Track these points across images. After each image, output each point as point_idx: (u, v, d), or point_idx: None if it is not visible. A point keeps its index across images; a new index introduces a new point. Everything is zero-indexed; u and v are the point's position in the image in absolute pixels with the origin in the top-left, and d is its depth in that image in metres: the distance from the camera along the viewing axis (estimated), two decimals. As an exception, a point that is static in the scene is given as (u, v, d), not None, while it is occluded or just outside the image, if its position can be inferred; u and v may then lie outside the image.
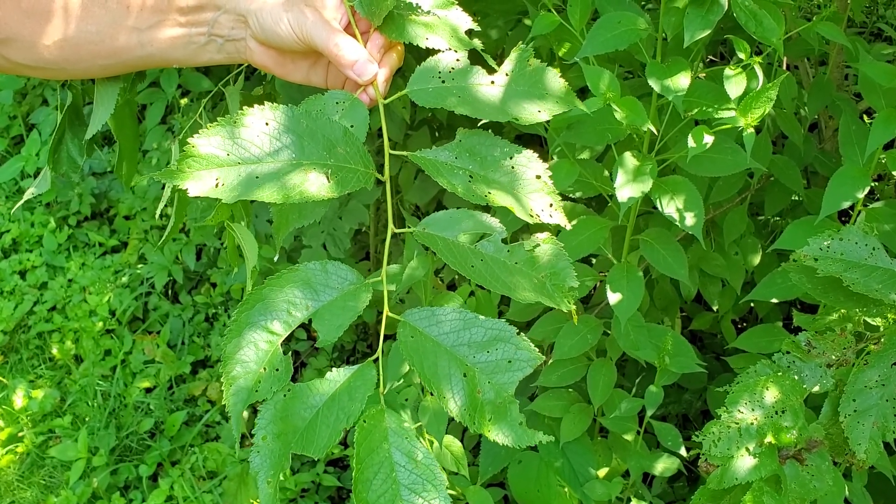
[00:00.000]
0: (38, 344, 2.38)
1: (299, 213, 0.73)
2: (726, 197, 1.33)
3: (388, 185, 0.69)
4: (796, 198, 1.48)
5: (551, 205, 0.64)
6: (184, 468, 2.03)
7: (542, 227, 0.65)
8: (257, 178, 0.63)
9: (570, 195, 1.20)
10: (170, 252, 2.42)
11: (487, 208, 0.67)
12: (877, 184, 1.55)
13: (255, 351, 0.63)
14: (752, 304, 1.66)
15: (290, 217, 0.73)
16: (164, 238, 0.94)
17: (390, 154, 0.69)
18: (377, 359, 0.65)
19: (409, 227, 0.66)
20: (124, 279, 2.45)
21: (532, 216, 0.64)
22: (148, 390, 2.23)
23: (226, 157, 0.63)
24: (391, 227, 0.67)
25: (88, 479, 2.01)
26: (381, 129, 0.71)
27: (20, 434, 2.14)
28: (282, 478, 1.98)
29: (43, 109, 2.79)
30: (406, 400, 1.41)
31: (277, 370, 0.63)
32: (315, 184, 0.64)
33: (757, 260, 1.42)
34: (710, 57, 1.69)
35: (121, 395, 2.21)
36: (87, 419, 2.15)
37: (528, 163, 0.64)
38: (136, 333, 2.36)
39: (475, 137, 0.67)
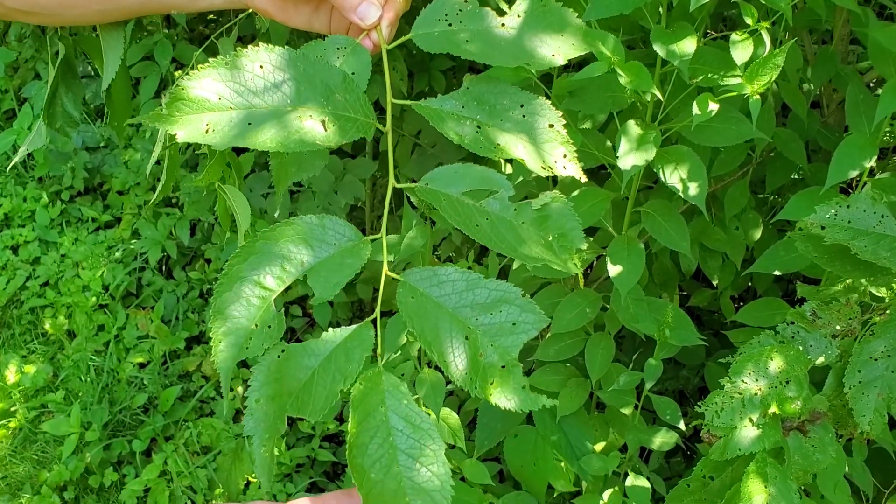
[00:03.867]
0: (30, 319, 2.36)
1: (298, 166, 0.70)
2: (728, 170, 1.31)
3: (389, 134, 0.66)
4: (796, 176, 1.47)
5: (565, 155, 0.61)
6: (178, 443, 2.01)
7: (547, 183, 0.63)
8: (249, 124, 0.60)
9: (571, 165, 1.18)
10: (163, 227, 2.40)
11: (495, 164, 0.65)
12: (879, 162, 1.54)
13: (246, 306, 0.60)
14: (750, 282, 1.65)
15: (289, 169, 0.71)
16: (154, 197, 0.92)
17: (393, 103, 0.66)
18: (375, 319, 0.63)
19: (412, 185, 0.64)
20: (118, 254, 2.42)
21: (544, 167, 0.61)
22: (141, 366, 2.22)
23: (217, 102, 0.60)
24: (392, 181, 0.65)
25: (81, 453, 2.00)
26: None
27: (12, 409, 2.12)
28: (276, 452, 1.97)
29: (35, 83, 2.76)
30: (402, 375, 1.40)
31: (270, 327, 0.60)
32: (310, 131, 0.61)
33: (758, 235, 1.41)
34: (712, 32, 1.67)
35: (114, 371, 2.19)
36: (79, 394, 2.14)
37: (539, 111, 0.61)
38: (129, 309, 2.34)
39: (483, 85, 0.64)
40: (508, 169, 1.37)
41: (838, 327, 0.87)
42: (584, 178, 0.62)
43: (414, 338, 0.62)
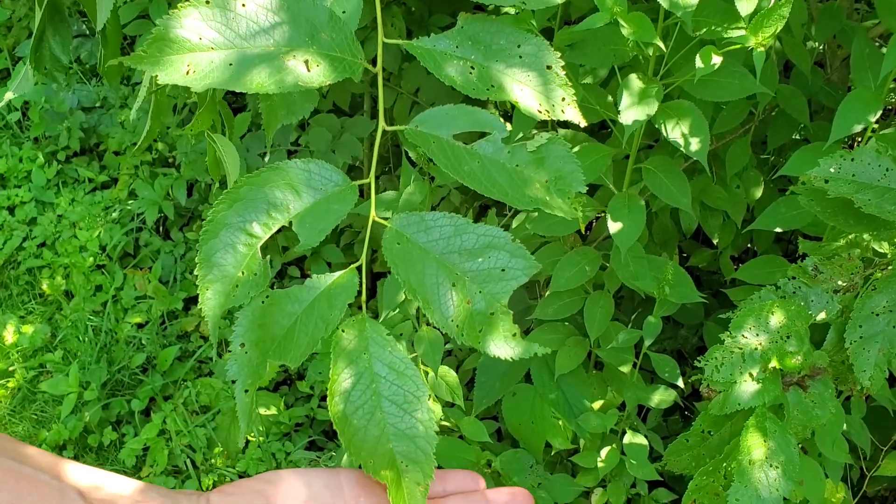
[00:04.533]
0: (27, 280, 2.36)
1: (288, 108, 0.69)
2: (730, 128, 1.30)
3: (380, 76, 0.64)
4: (798, 136, 1.46)
5: (564, 98, 0.59)
6: (176, 403, 2.02)
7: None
8: (231, 65, 0.58)
9: (571, 121, 1.17)
10: (160, 188, 2.38)
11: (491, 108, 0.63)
12: (882, 122, 1.52)
13: (233, 254, 0.59)
14: (750, 243, 1.64)
15: (278, 112, 0.69)
16: (140, 142, 0.90)
17: (388, 49, 0.65)
18: (360, 266, 0.62)
19: (401, 126, 0.62)
20: (114, 215, 2.41)
21: (542, 111, 0.59)
22: (140, 326, 2.22)
23: (198, 42, 0.58)
24: (382, 124, 0.63)
25: (80, 413, 2.00)
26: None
27: (11, 369, 2.12)
28: (275, 411, 1.97)
29: (29, 42, 2.72)
30: (401, 335, 1.40)
31: (256, 275, 0.59)
32: (294, 71, 0.59)
33: (759, 193, 1.40)
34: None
35: (112, 331, 2.19)
36: (78, 354, 2.14)
37: (537, 52, 0.59)
38: (126, 269, 2.33)
39: (478, 24, 0.61)
40: (508, 127, 1.36)
41: (840, 282, 0.86)
42: (583, 123, 0.60)
43: (400, 285, 0.60)
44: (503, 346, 0.59)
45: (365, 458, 0.58)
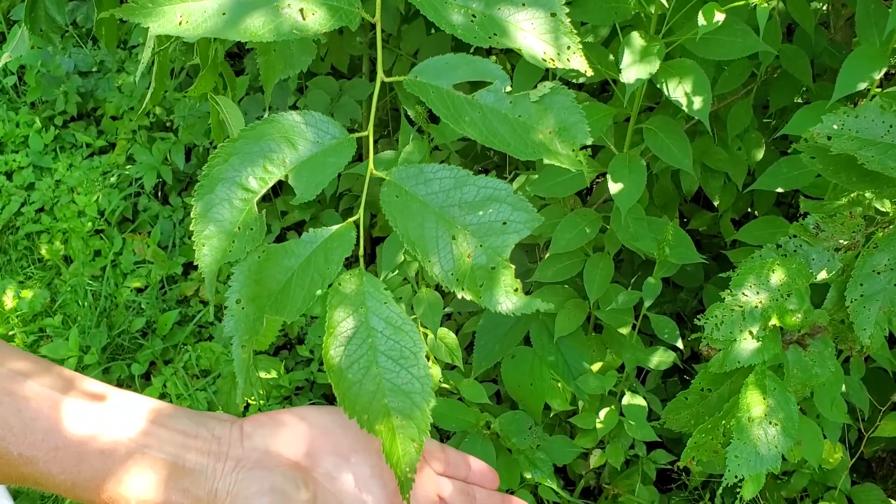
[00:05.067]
0: (26, 245, 2.35)
1: (285, 62, 0.68)
2: (732, 88, 1.29)
3: (378, 26, 0.63)
4: (800, 100, 1.44)
5: (569, 47, 0.57)
6: (177, 367, 2.02)
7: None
8: (224, 14, 0.57)
9: (573, 80, 1.16)
10: (158, 152, 2.37)
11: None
12: (886, 83, 1.51)
13: (229, 209, 0.58)
14: (750, 207, 1.63)
15: (276, 66, 0.68)
16: (144, 105, 0.89)
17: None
18: (357, 221, 0.61)
19: (400, 77, 0.61)
20: (113, 179, 2.40)
21: (546, 58, 0.58)
22: (139, 290, 2.21)
23: None
24: (380, 75, 0.62)
25: (81, 377, 2.01)
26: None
27: (11, 333, 2.12)
28: (275, 375, 1.97)
29: (24, 5, 2.69)
30: (400, 298, 1.40)
31: (252, 229, 0.59)
32: (291, 19, 0.58)
33: (760, 155, 1.39)
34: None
35: (111, 295, 2.19)
36: (77, 319, 2.14)
37: None
38: (125, 234, 2.33)
39: None
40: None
41: (842, 241, 0.86)
42: (589, 72, 0.58)
43: (399, 239, 0.59)
44: (504, 300, 0.58)
45: (359, 412, 0.58)
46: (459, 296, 0.58)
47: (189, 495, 0.56)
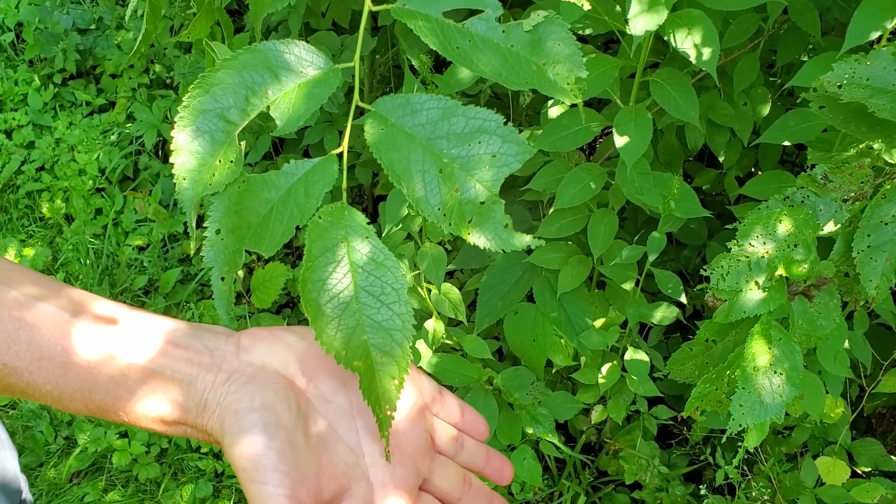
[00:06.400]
0: (27, 203, 2.35)
1: (272, -5, 0.66)
2: (739, 42, 1.27)
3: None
4: (806, 57, 1.43)
5: None
6: (179, 324, 2.03)
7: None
8: None
9: (579, 32, 1.15)
10: (158, 110, 2.35)
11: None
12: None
13: (210, 141, 0.56)
14: (754, 167, 1.62)
15: (265, 1, 0.66)
16: (135, 49, 0.88)
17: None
18: (341, 153, 0.59)
19: (388, 5, 0.59)
20: (113, 138, 2.39)
21: None
22: (141, 249, 2.21)
23: None
24: (368, 4, 0.60)
25: (84, 334, 2.01)
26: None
27: (13, 291, 2.13)
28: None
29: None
30: (403, 255, 1.39)
31: (232, 162, 0.56)
32: None
33: (766, 111, 1.38)
34: None
35: (113, 254, 2.19)
36: (80, 277, 2.14)
37: None
38: (126, 192, 2.32)
39: None
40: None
41: (850, 191, 0.85)
42: (587, 6, 0.57)
43: (382, 171, 0.57)
44: (494, 237, 0.55)
45: (338, 348, 0.56)
46: (447, 231, 0.56)
47: (178, 406, 0.55)
